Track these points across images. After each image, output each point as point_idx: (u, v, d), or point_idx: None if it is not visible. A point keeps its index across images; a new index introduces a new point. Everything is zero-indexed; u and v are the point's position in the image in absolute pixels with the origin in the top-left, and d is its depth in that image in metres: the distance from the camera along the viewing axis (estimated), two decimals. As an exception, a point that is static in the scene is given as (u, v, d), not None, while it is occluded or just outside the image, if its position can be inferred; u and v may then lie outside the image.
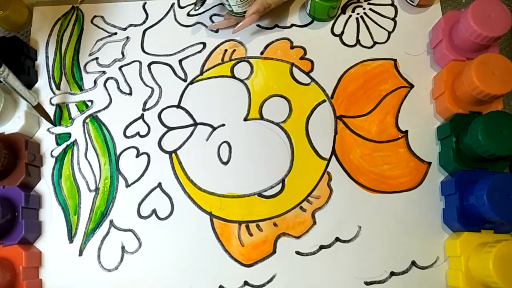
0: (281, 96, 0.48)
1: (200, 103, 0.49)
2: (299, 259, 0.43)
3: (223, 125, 0.48)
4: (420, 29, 0.50)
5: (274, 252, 0.44)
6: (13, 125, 0.47)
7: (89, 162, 0.48)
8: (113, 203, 0.46)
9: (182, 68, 0.50)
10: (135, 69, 0.51)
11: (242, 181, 0.46)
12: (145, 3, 0.54)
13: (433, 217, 0.44)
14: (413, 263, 0.42)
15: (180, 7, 0.53)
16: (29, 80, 0.50)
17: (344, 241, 0.44)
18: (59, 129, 0.49)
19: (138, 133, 0.48)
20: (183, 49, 0.51)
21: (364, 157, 0.46)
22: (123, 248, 0.45)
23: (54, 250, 0.45)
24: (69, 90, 0.51)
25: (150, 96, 0.50)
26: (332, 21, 0.51)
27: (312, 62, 0.49)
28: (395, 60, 0.49)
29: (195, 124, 0.48)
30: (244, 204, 0.45)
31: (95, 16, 0.54)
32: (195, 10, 0.52)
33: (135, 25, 0.53)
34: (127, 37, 0.52)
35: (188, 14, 0.53)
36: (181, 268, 0.44)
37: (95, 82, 0.51)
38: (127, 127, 0.49)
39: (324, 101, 0.48)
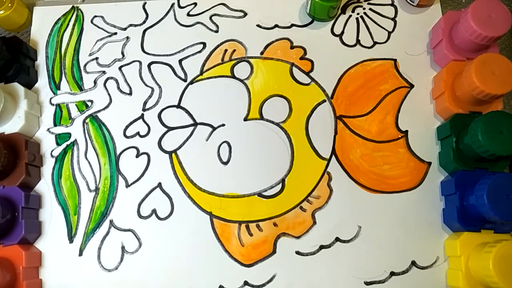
0: (281, 96, 0.48)
1: (200, 103, 0.49)
2: (299, 259, 0.43)
3: (223, 125, 0.48)
4: (420, 29, 0.50)
5: (274, 252, 0.44)
6: (13, 125, 0.47)
7: (89, 162, 0.48)
8: (113, 203, 0.46)
9: (182, 68, 0.50)
10: (135, 69, 0.51)
11: (242, 181, 0.46)
12: (145, 3, 0.54)
13: (433, 217, 0.44)
14: (413, 263, 0.42)
15: (180, 7, 0.53)
16: (29, 80, 0.50)
17: (344, 241, 0.44)
18: (59, 129, 0.49)
19: (138, 133, 0.48)
20: (183, 49, 0.51)
21: (364, 157, 0.46)
22: (123, 248, 0.45)
23: (54, 250, 0.45)
24: (69, 90, 0.51)
25: (150, 96, 0.50)
26: (332, 21, 0.51)
27: (312, 62, 0.49)
28: (395, 60, 0.49)
29: (195, 124, 0.48)
30: (244, 204, 0.45)
31: (95, 16, 0.53)
32: None
33: (135, 25, 0.53)
34: (127, 37, 0.52)
35: (188, 14, 0.53)
36: (181, 268, 0.44)
37: (95, 82, 0.51)
38: (127, 127, 0.49)
39: (324, 101, 0.48)
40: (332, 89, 0.48)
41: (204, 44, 0.51)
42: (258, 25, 0.51)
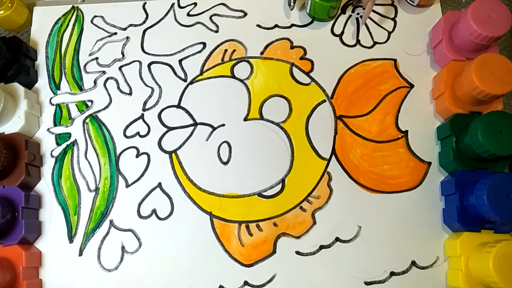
0: (281, 96, 0.48)
1: (200, 103, 0.49)
2: (299, 259, 0.43)
3: (223, 125, 0.48)
4: (420, 29, 0.50)
5: (274, 252, 0.44)
6: (13, 125, 0.47)
7: (89, 162, 0.48)
8: (113, 203, 0.46)
9: (182, 68, 0.50)
10: (135, 69, 0.51)
11: (242, 181, 0.46)
12: (145, 3, 0.54)
13: (433, 217, 0.44)
14: (413, 263, 0.42)
15: (180, 7, 0.53)
16: (29, 80, 0.50)
17: (344, 241, 0.44)
18: (59, 129, 0.49)
19: (138, 133, 0.48)
20: (183, 49, 0.51)
21: (364, 157, 0.46)
22: (123, 248, 0.45)
23: (54, 250, 0.45)
24: (69, 90, 0.51)
25: (150, 96, 0.50)
26: (332, 21, 0.51)
27: (312, 62, 0.49)
28: (395, 60, 0.49)
29: (195, 124, 0.48)
30: (244, 204, 0.45)
31: (95, 16, 0.53)
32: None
33: (135, 25, 0.53)
34: (127, 37, 0.52)
35: (188, 14, 0.53)
36: (181, 268, 0.44)
37: (95, 82, 0.51)
38: (127, 127, 0.49)
39: (324, 101, 0.48)
40: (332, 89, 0.48)
41: (204, 44, 0.51)
42: (258, 25, 0.51)
